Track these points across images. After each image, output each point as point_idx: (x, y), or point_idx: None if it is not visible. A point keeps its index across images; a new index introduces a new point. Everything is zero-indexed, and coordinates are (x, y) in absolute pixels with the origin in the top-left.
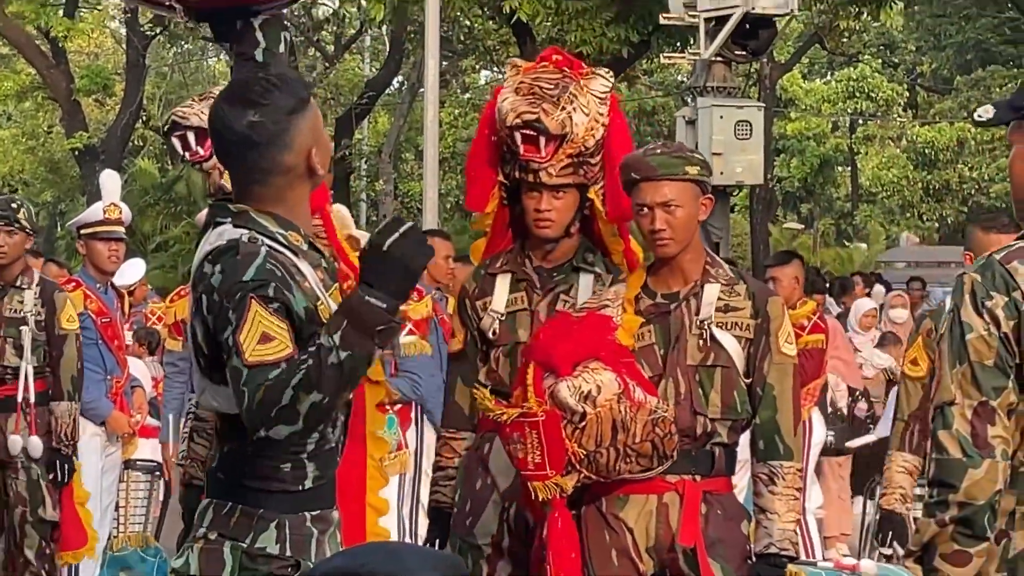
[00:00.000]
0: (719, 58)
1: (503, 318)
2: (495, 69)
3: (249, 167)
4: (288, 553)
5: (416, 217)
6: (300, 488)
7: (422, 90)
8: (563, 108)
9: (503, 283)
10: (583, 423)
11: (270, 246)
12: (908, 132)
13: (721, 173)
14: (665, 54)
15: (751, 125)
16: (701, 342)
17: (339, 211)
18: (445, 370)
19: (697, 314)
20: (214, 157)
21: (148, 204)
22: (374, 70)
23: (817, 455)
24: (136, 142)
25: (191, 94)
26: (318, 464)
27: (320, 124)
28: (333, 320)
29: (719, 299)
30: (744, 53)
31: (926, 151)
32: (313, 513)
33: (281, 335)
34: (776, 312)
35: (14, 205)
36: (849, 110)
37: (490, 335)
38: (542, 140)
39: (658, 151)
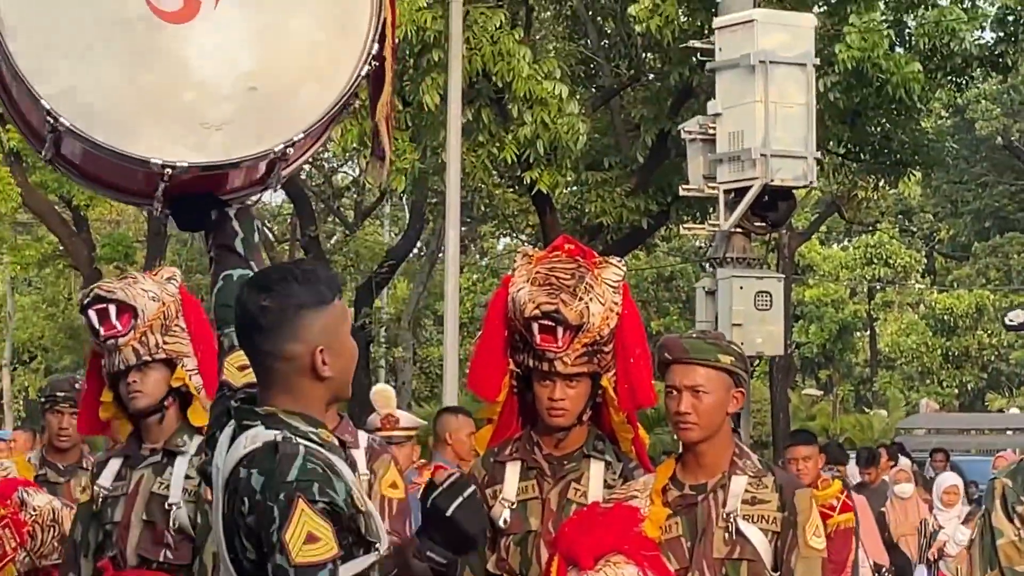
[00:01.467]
0: (739, 229)
1: (514, 506)
2: (514, 236)
3: (255, 350)
4: None
5: (435, 383)
6: None
7: (441, 255)
8: (580, 299)
9: (513, 471)
10: None
11: (306, 445)
12: (926, 298)
13: (741, 344)
14: (684, 225)
15: (771, 296)
16: (727, 535)
17: (383, 390)
18: None
19: (724, 506)
20: (131, 332)
21: None
22: (394, 236)
23: None
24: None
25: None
26: None
27: (341, 331)
28: (386, 562)
29: (746, 491)
30: (764, 224)
31: (945, 317)
32: None
33: (326, 535)
34: (804, 505)
35: (77, 386)
36: (867, 276)
37: (500, 523)
38: (559, 330)
39: (695, 336)
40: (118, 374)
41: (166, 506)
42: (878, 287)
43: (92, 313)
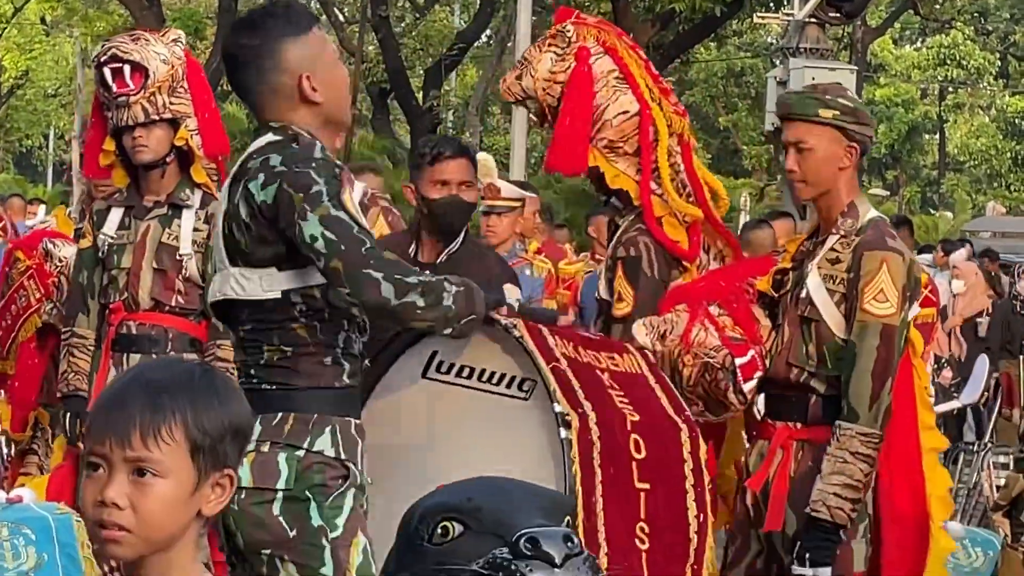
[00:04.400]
0: (813, 19)
1: None
2: None
3: (242, 86)
4: (343, 457)
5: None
6: (340, 385)
7: (511, 44)
8: None
9: None
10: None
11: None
12: (998, 101)
13: None
14: (758, 14)
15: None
16: (804, 293)
17: (486, 160)
18: None
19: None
20: (141, 92)
21: (236, 149)
22: (463, 23)
23: None
24: (225, 87)
25: None
26: (351, 364)
27: (324, 58)
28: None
29: (832, 249)
30: (838, 15)
31: (1016, 120)
32: (356, 421)
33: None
34: (869, 267)
35: None
36: (939, 77)
37: None
38: None
39: (801, 90)
40: (124, 128)
41: (176, 256)
42: (950, 88)
43: (107, 71)
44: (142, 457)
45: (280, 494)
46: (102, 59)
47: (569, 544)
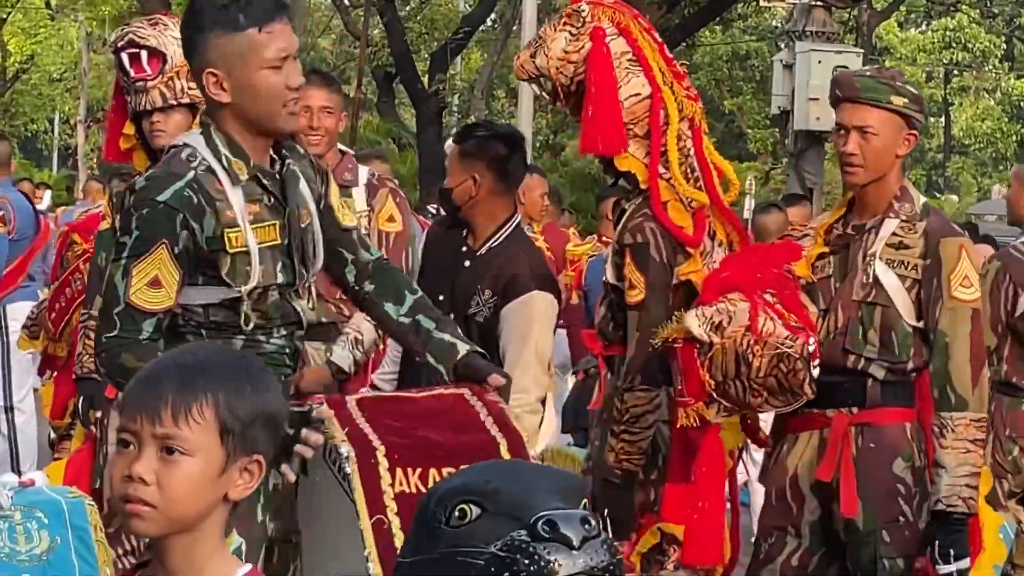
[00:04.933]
0: (818, 2)
1: None
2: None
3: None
4: None
5: None
6: None
7: (516, 27)
8: None
9: None
10: (710, 353)
11: (198, 174)
12: (1004, 84)
13: (817, 119)
14: None
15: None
16: (866, 277)
17: None
18: None
19: (870, 248)
20: (159, 77)
21: None
22: (468, 6)
23: None
24: None
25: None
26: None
27: (250, 62)
28: None
29: (894, 234)
30: None
31: (1021, 103)
32: None
33: (171, 283)
34: (949, 254)
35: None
36: (945, 60)
37: None
38: None
39: (868, 73)
40: (143, 113)
41: None
42: (955, 71)
43: (124, 56)
44: (171, 434)
45: None
46: (119, 44)
47: (587, 526)
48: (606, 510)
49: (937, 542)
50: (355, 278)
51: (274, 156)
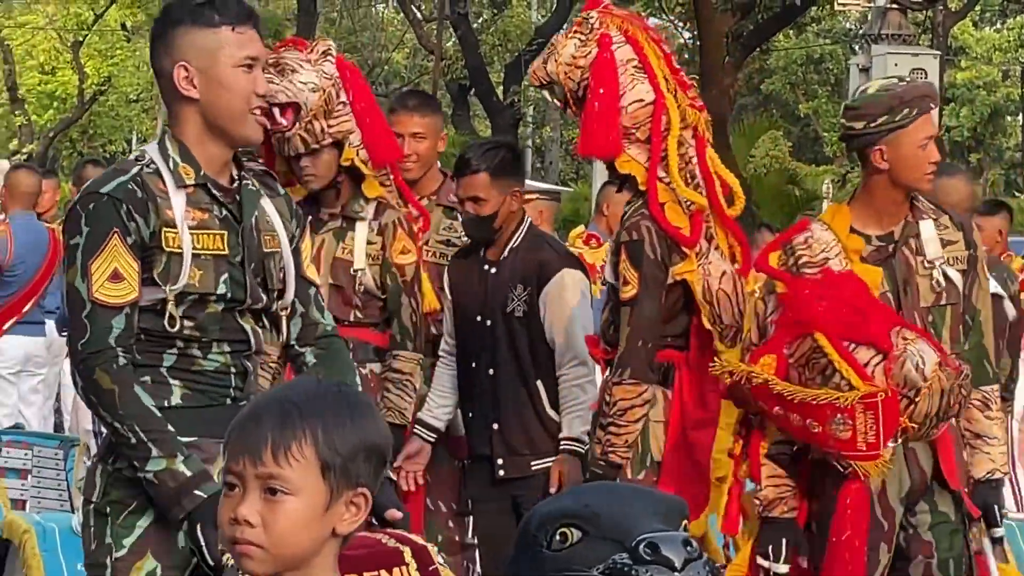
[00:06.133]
0: (894, 5)
1: None
2: (663, 16)
3: (153, 67)
4: None
5: (581, 164)
6: (167, 405)
7: None
8: None
9: None
10: (918, 397)
11: (144, 175)
12: None
13: None
14: (839, 1)
15: (926, 73)
16: (933, 283)
17: None
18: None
19: (921, 254)
20: (296, 125)
21: None
22: (541, 17)
23: None
24: None
25: (359, 40)
26: (185, 384)
27: (222, 58)
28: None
29: (938, 235)
30: (920, 0)
31: None
32: (186, 439)
33: (132, 276)
34: (979, 239)
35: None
36: (1021, 59)
37: None
38: None
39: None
40: (290, 157)
41: (351, 271)
42: None
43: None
44: (272, 474)
45: (92, 507)
46: None
47: (689, 548)
48: None
49: (996, 506)
50: (298, 334)
51: (234, 176)
